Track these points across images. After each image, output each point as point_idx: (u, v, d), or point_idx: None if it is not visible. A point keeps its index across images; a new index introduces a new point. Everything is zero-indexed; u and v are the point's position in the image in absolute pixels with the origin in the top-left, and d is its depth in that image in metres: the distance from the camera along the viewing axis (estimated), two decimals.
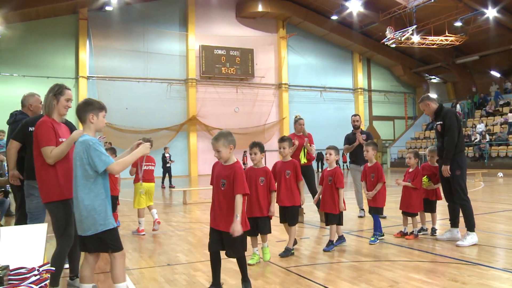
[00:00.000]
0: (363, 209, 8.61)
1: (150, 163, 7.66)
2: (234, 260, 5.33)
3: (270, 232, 5.15)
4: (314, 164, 17.98)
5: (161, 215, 9.80)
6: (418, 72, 35.50)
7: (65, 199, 3.88)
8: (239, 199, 3.83)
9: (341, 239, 5.99)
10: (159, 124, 26.88)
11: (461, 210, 5.98)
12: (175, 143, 27.00)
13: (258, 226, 4.99)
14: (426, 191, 6.58)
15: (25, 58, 24.34)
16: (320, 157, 29.10)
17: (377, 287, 4.18)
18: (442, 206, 7.26)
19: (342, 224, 5.92)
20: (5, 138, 9.32)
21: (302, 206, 8.13)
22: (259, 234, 5.11)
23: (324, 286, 4.27)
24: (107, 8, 25.54)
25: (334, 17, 29.83)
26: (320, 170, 28.72)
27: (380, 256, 5.45)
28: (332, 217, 5.76)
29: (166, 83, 27.89)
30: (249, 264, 4.99)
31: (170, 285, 4.47)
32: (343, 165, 31.01)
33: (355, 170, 8.76)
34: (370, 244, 6.05)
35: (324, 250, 5.69)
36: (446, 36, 27.04)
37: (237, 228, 3.77)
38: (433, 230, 6.56)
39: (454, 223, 6.21)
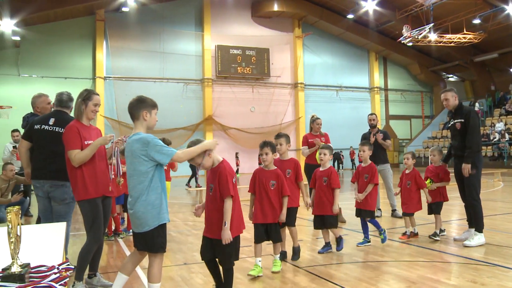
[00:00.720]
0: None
1: None
2: (248, 258, 5.37)
3: (281, 241, 4.96)
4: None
5: (177, 214, 9.88)
6: (435, 70, 35.03)
7: (91, 198, 4.02)
8: (227, 204, 3.65)
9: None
10: (175, 124, 26.98)
11: (471, 210, 5.95)
12: None
13: (268, 233, 4.76)
14: (435, 194, 6.47)
15: (44, 60, 24.70)
16: (336, 157, 28.96)
17: None
18: (460, 206, 7.16)
19: (336, 227, 5.69)
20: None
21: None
22: (263, 242, 4.79)
23: (340, 286, 4.26)
24: (124, 9, 25.77)
25: (350, 16, 29.63)
26: (338, 170, 28.59)
27: (397, 256, 5.41)
28: (332, 219, 5.57)
29: (182, 83, 28.03)
30: (249, 275, 4.63)
31: (186, 284, 4.50)
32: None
33: None
34: (382, 243, 6.03)
35: (337, 250, 5.64)
36: (464, 34, 26.58)
37: (226, 236, 3.62)
38: (441, 231, 6.47)
39: (471, 224, 6.13)
